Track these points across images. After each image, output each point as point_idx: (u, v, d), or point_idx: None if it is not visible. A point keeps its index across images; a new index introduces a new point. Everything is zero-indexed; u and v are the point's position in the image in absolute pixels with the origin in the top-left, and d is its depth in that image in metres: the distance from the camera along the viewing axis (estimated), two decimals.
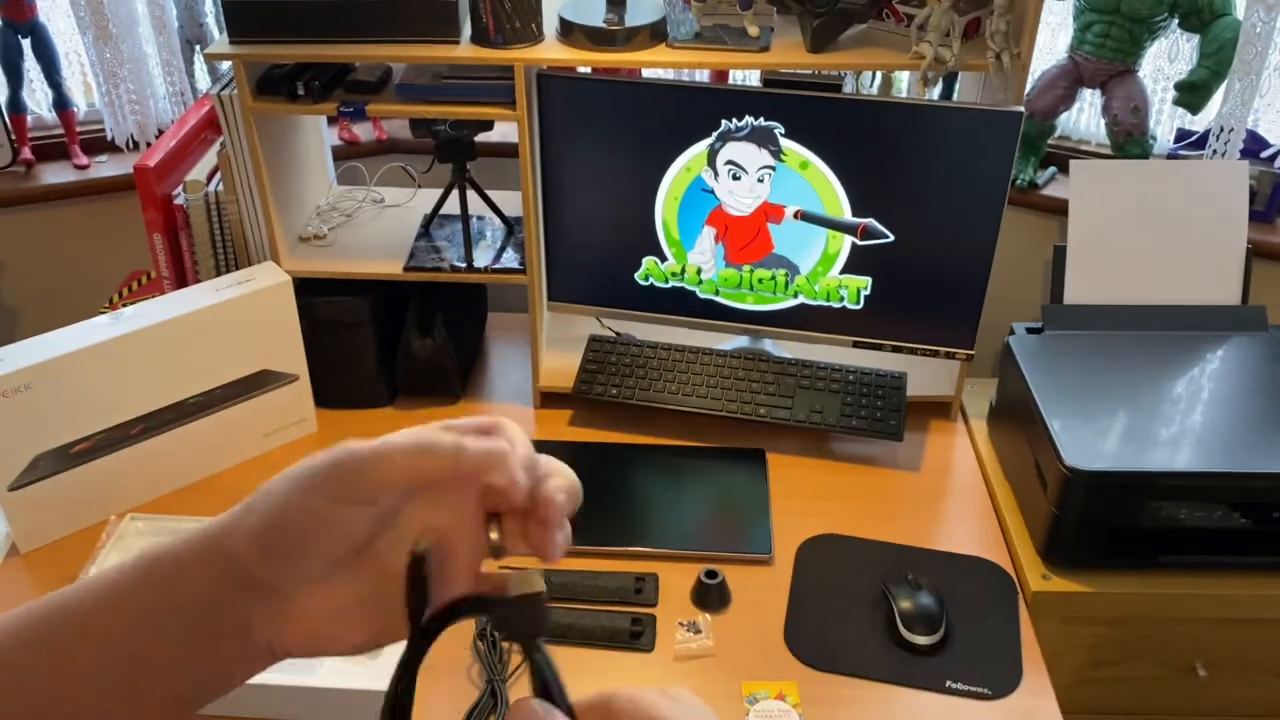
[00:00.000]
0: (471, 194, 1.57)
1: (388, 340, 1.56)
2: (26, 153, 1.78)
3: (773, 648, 1.21)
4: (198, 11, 1.76)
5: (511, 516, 0.52)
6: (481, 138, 1.53)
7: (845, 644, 1.21)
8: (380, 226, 1.63)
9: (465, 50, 1.33)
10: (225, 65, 1.44)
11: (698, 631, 1.21)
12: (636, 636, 1.21)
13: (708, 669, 1.18)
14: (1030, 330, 1.50)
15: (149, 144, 1.80)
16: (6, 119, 1.74)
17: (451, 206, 1.59)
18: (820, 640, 1.21)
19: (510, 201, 1.62)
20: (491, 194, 1.63)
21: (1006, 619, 1.24)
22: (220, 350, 1.39)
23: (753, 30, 1.33)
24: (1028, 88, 1.38)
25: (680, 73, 1.67)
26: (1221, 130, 1.57)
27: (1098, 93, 1.65)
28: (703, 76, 1.66)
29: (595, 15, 1.34)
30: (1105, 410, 1.32)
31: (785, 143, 1.38)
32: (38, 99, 1.79)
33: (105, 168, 1.79)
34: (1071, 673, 1.35)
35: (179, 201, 1.52)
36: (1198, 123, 1.68)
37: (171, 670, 0.48)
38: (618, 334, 1.62)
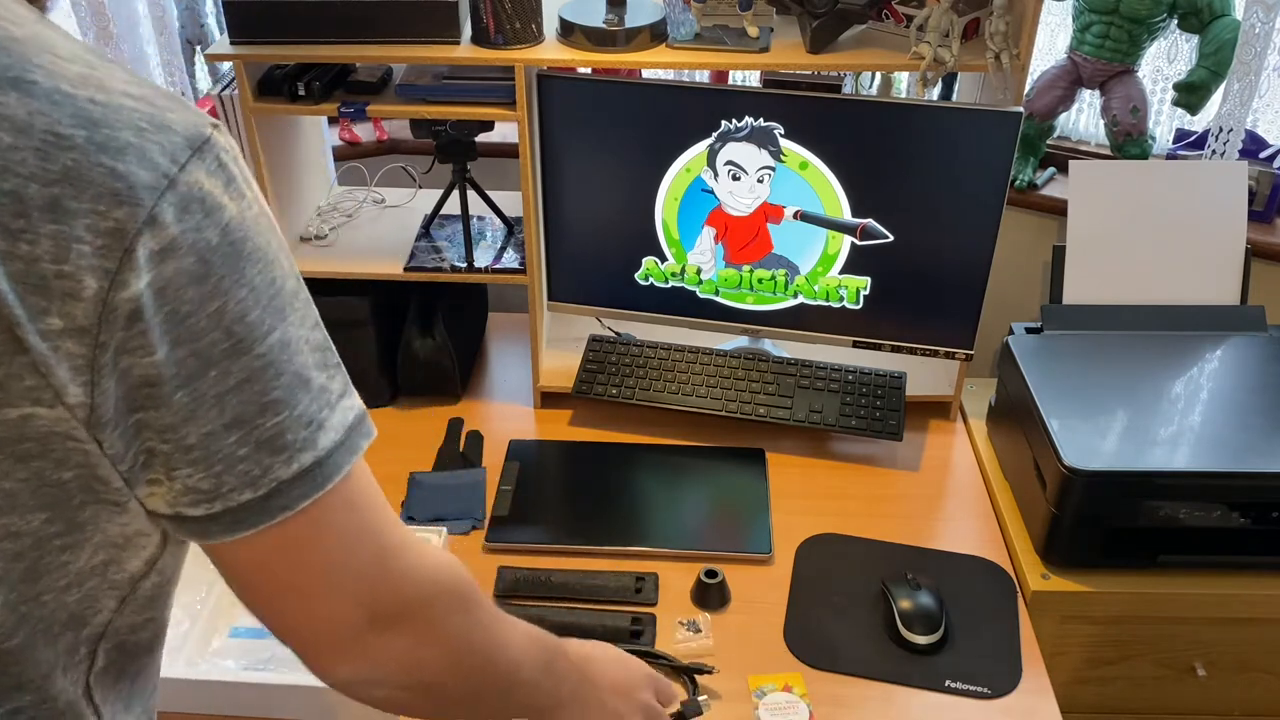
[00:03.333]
0: (472, 194, 1.57)
1: (388, 340, 1.56)
2: None
3: (773, 646, 1.21)
4: (198, 12, 1.76)
5: None
6: (482, 138, 1.53)
7: (845, 643, 1.21)
8: (381, 227, 1.64)
9: (466, 51, 1.34)
10: (226, 66, 1.44)
11: (697, 631, 1.21)
12: (636, 636, 1.21)
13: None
14: (1029, 330, 1.50)
15: None
16: None
17: (452, 207, 1.59)
18: (820, 639, 1.21)
19: (510, 202, 1.62)
20: (492, 194, 1.63)
21: (1006, 618, 1.24)
22: None
23: (752, 31, 1.33)
24: (1027, 88, 1.38)
25: (680, 73, 1.67)
26: (1220, 130, 1.57)
27: (1097, 93, 1.65)
28: (702, 77, 1.67)
29: (595, 16, 1.34)
30: (1104, 410, 1.32)
31: (785, 143, 1.38)
32: None
33: None
34: (1070, 672, 1.36)
35: None
36: (1197, 123, 1.68)
37: None
38: (618, 334, 1.63)
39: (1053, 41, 1.71)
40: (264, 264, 0.57)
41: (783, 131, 1.37)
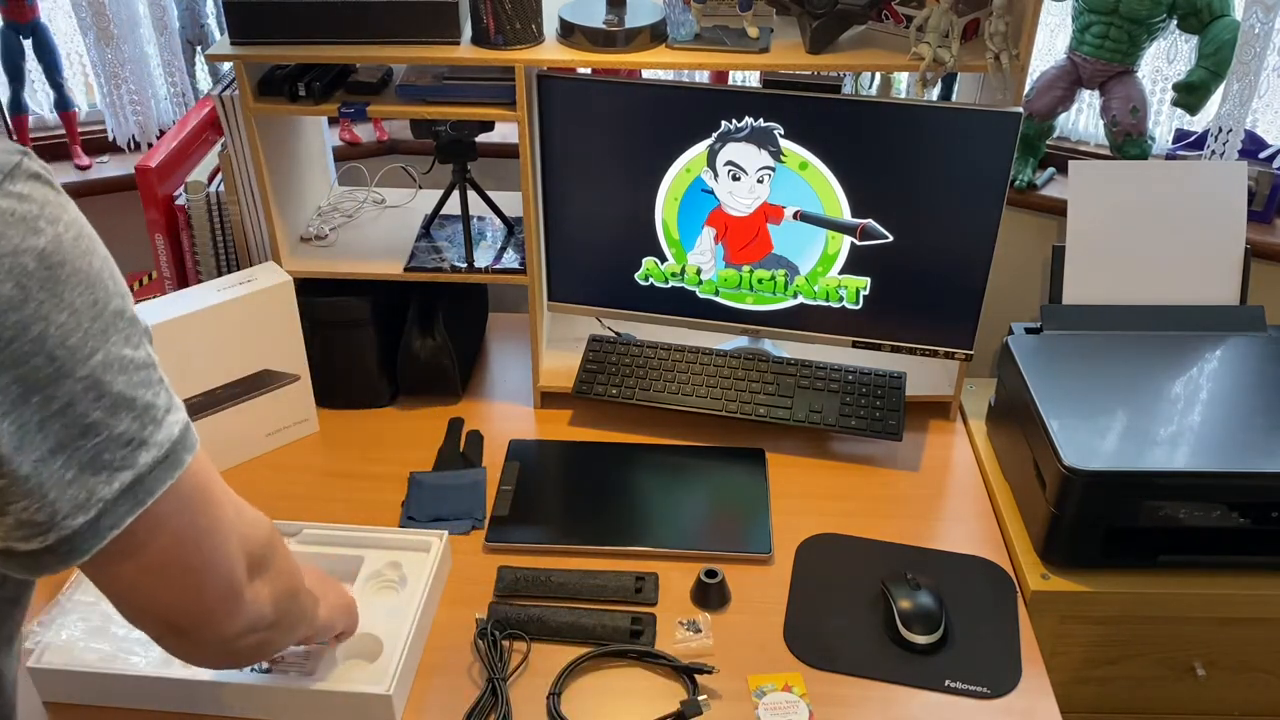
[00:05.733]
0: (472, 194, 1.57)
1: (388, 340, 1.56)
2: None
3: (773, 646, 1.21)
4: (199, 13, 1.76)
5: None
6: (482, 138, 1.54)
7: (845, 643, 1.21)
8: (381, 227, 1.64)
9: (466, 51, 1.34)
10: (226, 66, 1.44)
11: (697, 630, 1.21)
12: (636, 635, 1.21)
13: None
14: (1029, 330, 1.50)
15: (150, 145, 1.80)
16: (8, 119, 1.75)
17: (452, 207, 1.59)
18: (820, 639, 1.21)
19: (510, 202, 1.62)
20: (492, 194, 1.63)
21: (1005, 618, 1.24)
22: (221, 350, 1.40)
23: (752, 31, 1.34)
24: (1026, 88, 1.38)
25: (680, 74, 1.68)
26: (1220, 131, 1.57)
27: (1096, 93, 1.65)
28: (702, 77, 1.67)
29: (595, 16, 1.34)
30: (1104, 410, 1.32)
31: (785, 143, 1.38)
32: (39, 100, 1.80)
33: (107, 168, 1.80)
34: (1070, 672, 1.36)
35: (180, 202, 1.52)
36: (1196, 123, 1.68)
37: None
38: (618, 334, 1.63)
39: (1052, 41, 1.71)
40: (84, 286, 0.58)
41: (782, 132, 1.38)
